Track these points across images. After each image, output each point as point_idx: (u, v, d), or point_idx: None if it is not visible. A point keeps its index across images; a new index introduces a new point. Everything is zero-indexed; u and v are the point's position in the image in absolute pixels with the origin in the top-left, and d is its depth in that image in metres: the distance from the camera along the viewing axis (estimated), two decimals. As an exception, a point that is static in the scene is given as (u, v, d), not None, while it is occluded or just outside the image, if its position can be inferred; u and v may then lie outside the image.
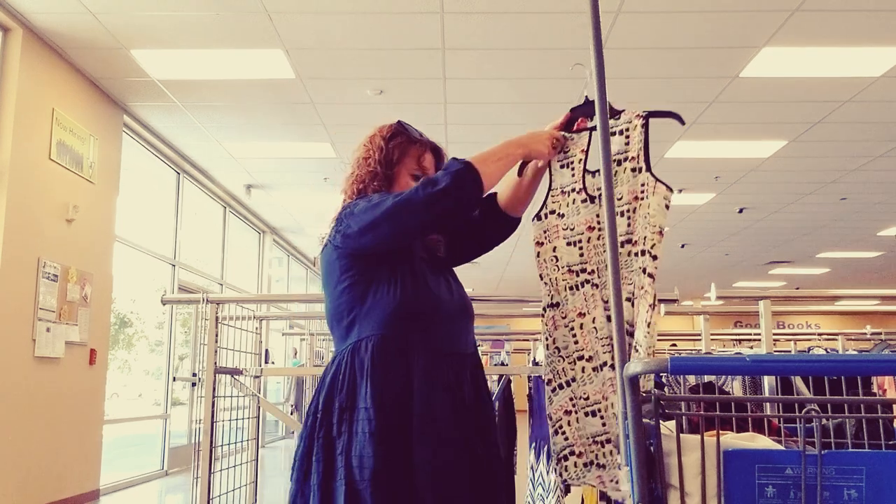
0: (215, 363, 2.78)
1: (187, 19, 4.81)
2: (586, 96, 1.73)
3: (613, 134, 1.64)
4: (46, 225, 5.22)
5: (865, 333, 4.53)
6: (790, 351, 4.77)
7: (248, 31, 4.93)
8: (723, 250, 12.49)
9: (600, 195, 1.65)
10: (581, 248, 1.67)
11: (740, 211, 9.70)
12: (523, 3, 4.58)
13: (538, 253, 1.76)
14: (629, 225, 1.56)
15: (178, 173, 7.92)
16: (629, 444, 1.08)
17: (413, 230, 1.64)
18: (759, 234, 11.13)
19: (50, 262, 5.20)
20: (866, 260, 13.19)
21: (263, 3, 4.57)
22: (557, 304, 1.69)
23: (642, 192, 1.55)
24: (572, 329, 1.65)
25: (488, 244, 1.92)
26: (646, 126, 1.59)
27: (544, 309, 1.71)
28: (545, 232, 1.75)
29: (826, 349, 4.56)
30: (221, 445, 2.89)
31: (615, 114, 1.65)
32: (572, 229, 1.70)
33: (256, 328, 3.45)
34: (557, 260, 1.71)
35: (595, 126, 1.69)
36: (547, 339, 1.69)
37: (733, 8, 4.64)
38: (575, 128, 1.77)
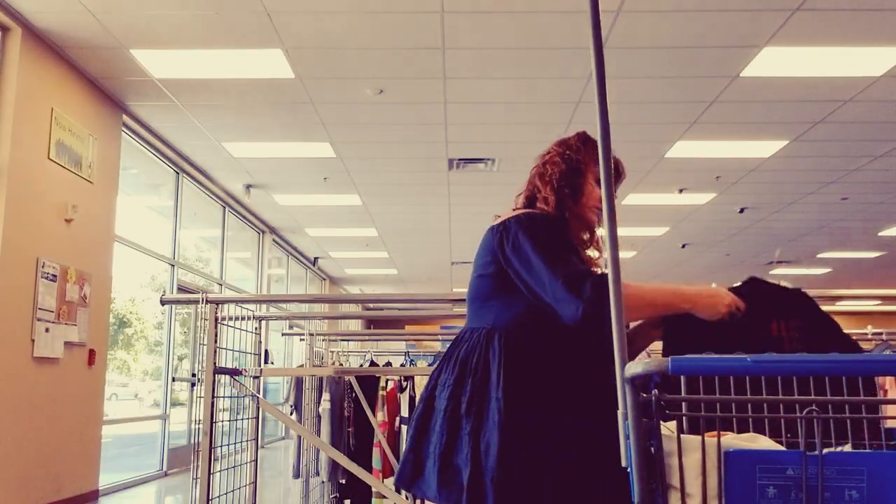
0: (214, 363, 2.77)
1: (186, 19, 4.80)
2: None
3: None
4: (45, 225, 5.21)
5: (866, 333, 4.51)
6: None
7: (247, 30, 4.93)
8: (723, 250, 12.49)
9: None
10: None
11: (741, 211, 9.70)
12: (523, 2, 4.57)
13: None
14: None
15: (178, 173, 7.91)
16: (629, 444, 1.07)
17: (535, 299, 1.68)
18: (759, 234, 11.13)
19: (49, 262, 5.19)
20: (867, 260, 13.19)
21: (263, 2, 4.57)
22: None
23: None
24: None
25: None
26: None
27: None
28: None
29: (827, 349, 4.54)
30: (221, 446, 2.88)
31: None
32: None
33: (256, 328, 3.45)
34: None
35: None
36: None
37: (733, 8, 4.64)
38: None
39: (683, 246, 12.12)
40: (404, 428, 4.45)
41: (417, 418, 1.74)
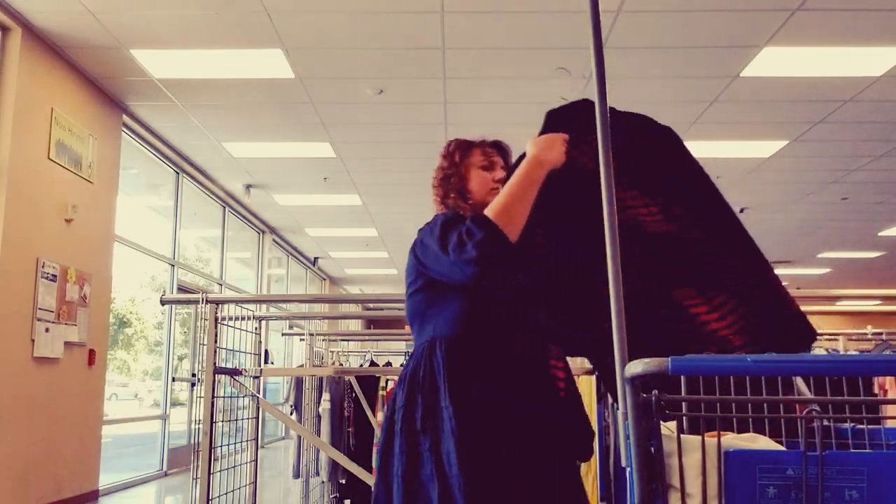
0: (214, 363, 2.77)
1: (187, 19, 4.80)
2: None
3: None
4: (45, 225, 5.21)
5: (866, 333, 4.52)
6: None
7: (247, 30, 4.93)
8: (723, 250, 12.46)
9: None
10: None
11: (741, 211, 9.70)
12: (523, 2, 4.57)
13: None
14: None
15: (178, 173, 7.91)
16: (629, 444, 1.07)
17: (456, 283, 1.71)
18: (759, 234, 11.09)
19: (49, 262, 5.19)
20: (867, 260, 13.18)
21: (263, 2, 4.57)
22: None
23: None
24: None
25: None
26: None
27: None
28: None
29: (827, 349, 4.55)
30: (221, 446, 2.88)
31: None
32: None
33: (256, 328, 3.45)
34: None
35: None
36: None
37: (733, 8, 4.64)
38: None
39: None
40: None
41: (381, 446, 1.75)
